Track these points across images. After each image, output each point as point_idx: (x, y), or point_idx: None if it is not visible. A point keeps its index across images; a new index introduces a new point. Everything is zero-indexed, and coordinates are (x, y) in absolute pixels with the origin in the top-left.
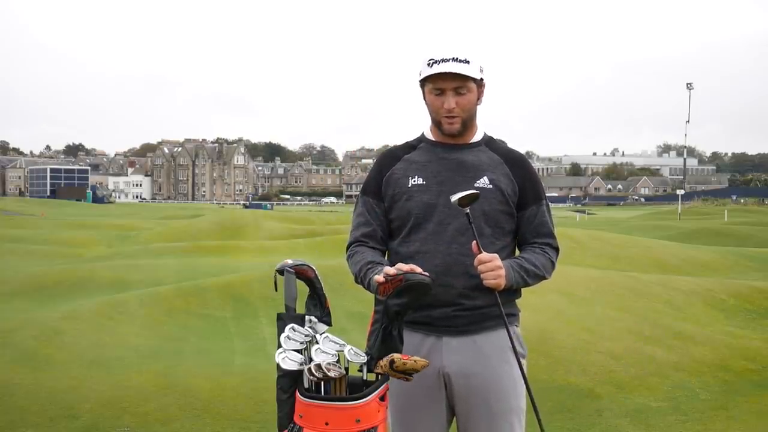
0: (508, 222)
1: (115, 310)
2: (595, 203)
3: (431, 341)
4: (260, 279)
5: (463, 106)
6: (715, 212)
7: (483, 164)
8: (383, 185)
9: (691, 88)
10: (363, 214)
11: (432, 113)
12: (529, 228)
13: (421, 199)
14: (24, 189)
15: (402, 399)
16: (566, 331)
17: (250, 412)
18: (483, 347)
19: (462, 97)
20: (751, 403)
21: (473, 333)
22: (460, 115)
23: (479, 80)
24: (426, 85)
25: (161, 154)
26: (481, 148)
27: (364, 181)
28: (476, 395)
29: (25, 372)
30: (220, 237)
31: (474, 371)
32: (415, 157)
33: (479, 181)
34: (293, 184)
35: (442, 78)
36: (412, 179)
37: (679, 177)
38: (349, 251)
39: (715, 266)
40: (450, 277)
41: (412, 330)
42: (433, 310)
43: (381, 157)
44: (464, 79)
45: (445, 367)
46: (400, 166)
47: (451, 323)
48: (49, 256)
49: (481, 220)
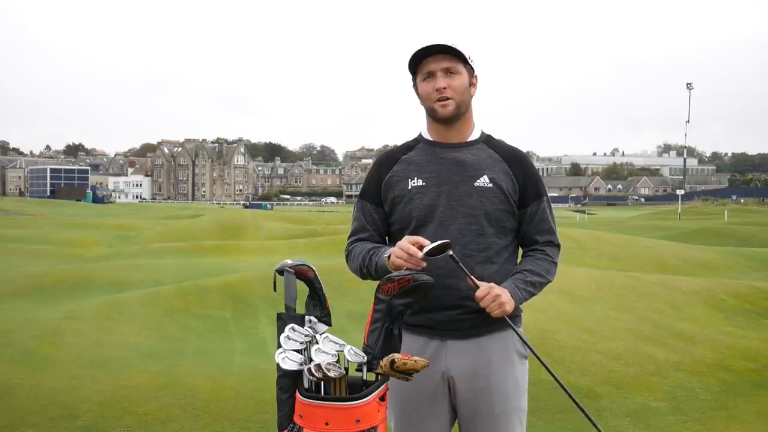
0: (509, 220)
1: (115, 310)
2: (595, 203)
3: (435, 345)
4: (260, 279)
5: (455, 87)
6: (715, 212)
7: (482, 163)
8: (383, 189)
9: (691, 88)
10: (359, 219)
11: (425, 101)
12: (530, 225)
13: (421, 201)
14: (24, 189)
15: (406, 401)
16: (566, 331)
17: (250, 412)
18: (487, 350)
19: (452, 78)
20: (751, 403)
21: (477, 336)
22: (452, 97)
23: (469, 67)
24: (417, 76)
25: (161, 154)
26: (479, 146)
27: (363, 184)
28: (480, 397)
29: (25, 372)
30: (220, 237)
31: (478, 374)
32: (413, 157)
33: (479, 181)
34: (293, 184)
35: (431, 60)
36: (412, 181)
37: (679, 177)
38: (347, 250)
39: (715, 266)
40: (454, 279)
41: (415, 333)
42: (437, 313)
43: (379, 160)
44: (453, 60)
45: (450, 369)
46: (399, 168)
47: (456, 326)
48: (49, 256)
49: (483, 219)
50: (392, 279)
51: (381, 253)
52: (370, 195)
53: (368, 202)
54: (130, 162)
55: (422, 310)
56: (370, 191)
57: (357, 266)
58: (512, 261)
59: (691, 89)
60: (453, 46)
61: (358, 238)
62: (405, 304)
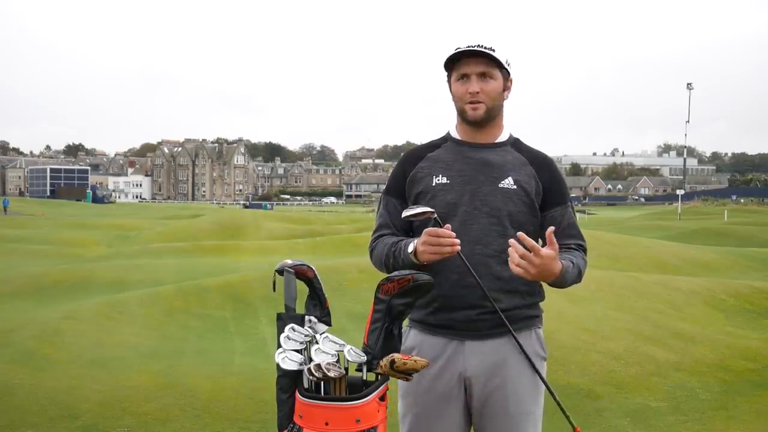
0: (532, 223)
1: (115, 310)
2: (595, 203)
3: (454, 345)
4: (260, 279)
5: (488, 92)
6: (715, 212)
7: (507, 164)
8: (407, 185)
9: (691, 88)
10: (383, 215)
11: (456, 101)
12: (558, 229)
13: (444, 198)
14: (24, 189)
15: (422, 402)
16: (566, 331)
17: (250, 412)
18: (505, 351)
19: (486, 83)
20: (751, 403)
21: (496, 336)
22: (484, 102)
23: (506, 71)
24: (452, 75)
25: (161, 154)
26: (506, 149)
27: (388, 179)
28: (495, 399)
29: (25, 372)
30: (220, 237)
31: (495, 375)
32: (440, 155)
33: (503, 182)
34: (293, 184)
35: (467, 62)
36: (436, 178)
37: (679, 177)
38: (371, 246)
39: (715, 266)
40: (473, 278)
41: (433, 334)
42: (456, 312)
43: (404, 157)
44: (489, 64)
45: (467, 370)
46: (425, 165)
47: (474, 327)
48: (49, 256)
49: (506, 220)
50: (392, 279)
51: (403, 248)
52: (395, 190)
53: (393, 197)
54: (130, 162)
55: (441, 309)
56: (396, 187)
57: (381, 262)
58: None
59: (691, 89)
60: (491, 51)
61: (382, 234)
62: (405, 304)
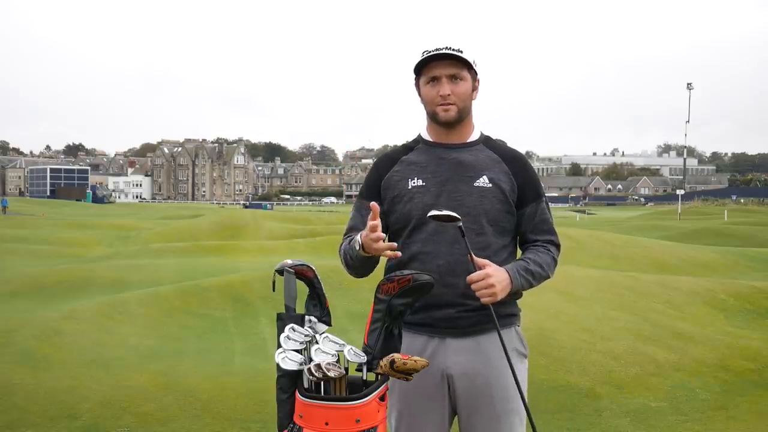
0: (508, 221)
1: (115, 310)
2: (595, 203)
3: (435, 343)
4: (260, 279)
5: (459, 94)
6: (715, 212)
7: (481, 163)
8: (382, 188)
9: (691, 88)
10: (354, 218)
11: (427, 105)
12: (530, 225)
13: (421, 200)
14: (24, 189)
15: (405, 400)
16: (566, 331)
17: (250, 412)
18: (486, 348)
19: (457, 85)
20: (751, 403)
21: (477, 334)
22: (455, 103)
23: (474, 72)
24: (421, 78)
25: (161, 154)
26: (478, 147)
27: (362, 184)
28: (479, 396)
29: (25, 372)
30: (220, 237)
31: (477, 372)
32: (413, 158)
33: (479, 181)
34: (293, 184)
35: (437, 65)
36: (412, 181)
37: (679, 177)
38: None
39: (715, 266)
40: (453, 277)
41: (414, 332)
42: (436, 311)
43: (378, 161)
44: (458, 66)
45: (449, 368)
46: (399, 168)
47: (455, 324)
48: (49, 256)
49: (482, 218)
50: (392, 279)
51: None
52: (369, 194)
53: (366, 200)
54: (130, 162)
55: (422, 308)
56: (370, 191)
57: (342, 259)
58: (510, 261)
59: (691, 89)
60: (460, 54)
61: (351, 236)
62: (405, 304)
